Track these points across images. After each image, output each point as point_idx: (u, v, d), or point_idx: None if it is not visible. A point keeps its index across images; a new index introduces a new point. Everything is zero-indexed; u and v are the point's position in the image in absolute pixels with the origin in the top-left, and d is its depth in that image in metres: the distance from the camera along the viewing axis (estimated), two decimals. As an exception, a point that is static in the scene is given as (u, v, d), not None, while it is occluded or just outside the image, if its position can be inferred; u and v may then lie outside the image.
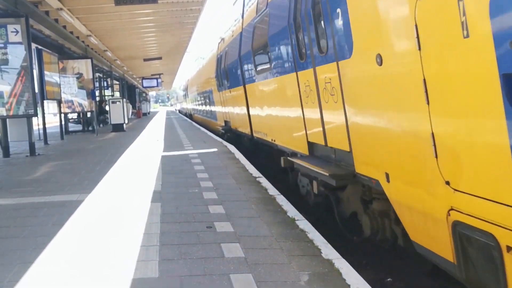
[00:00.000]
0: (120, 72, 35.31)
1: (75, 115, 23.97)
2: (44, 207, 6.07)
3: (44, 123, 15.92)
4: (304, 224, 5.01)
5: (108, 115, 22.39)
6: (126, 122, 22.74)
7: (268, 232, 4.77)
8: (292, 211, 5.57)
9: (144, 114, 46.60)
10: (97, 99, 23.04)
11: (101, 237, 4.71)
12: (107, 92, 33.76)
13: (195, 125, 25.21)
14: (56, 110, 19.49)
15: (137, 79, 46.53)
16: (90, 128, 22.42)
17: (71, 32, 17.65)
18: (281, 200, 6.15)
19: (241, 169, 8.79)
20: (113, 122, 21.24)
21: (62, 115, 19.19)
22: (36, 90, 13.14)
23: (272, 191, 6.72)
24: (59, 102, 18.28)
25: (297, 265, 3.86)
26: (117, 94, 36.25)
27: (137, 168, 9.30)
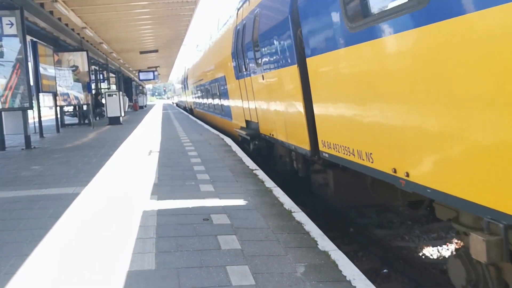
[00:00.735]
0: (116, 65, 35.14)
1: (71, 108, 23.87)
2: (40, 200, 6.05)
3: (40, 116, 15.86)
4: (301, 216, 5.02)
5: (105, 108, 22.31)
6: (123, 115, 22.66)
7: (265, 224, 4.78)
8: (289, 203, 5.58)
9: (141, 107, 46.48)
10: (93, 92, 22.93)
11: (98, 230, 4.70)
12: (103, 85, 33.62)
13: (193, 119, 25.07)
14: (52, 103, 19.40)
15: (134, 72, 46.31)
16: (86, 121, 22.34)
17: (66, 24, 17.51)
18: (278, 192, 6.16)
19: (238, 162, 8.79)
20: (110, 115, 21.17)
21: (58, 108, 19.12)
22: (32, 83, 13.06)
23: (269, 184, 6.73)
24: (55, 95, 18.19)
25: (294, 257, 3.87)
26: (114, 87, 36.11)
27: (134, 161, 9.28)
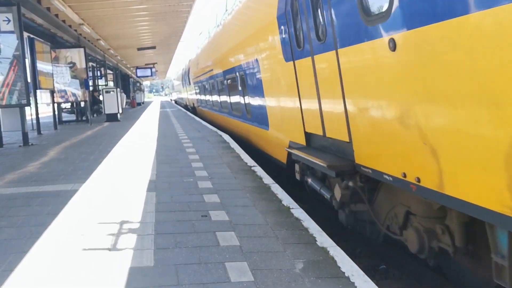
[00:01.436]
0: (114, 62, 35.05)
1: (69, 105, 23.82)
2: (39, 197, 6.04)
3: (37, 113, 15.80)
4: (299, 213, 5.03)
5: (102, 105, 22.26)
6: (120, 112, 22.62)
7: (263, 221, 4.79)
8: (287, 200, 5.58)
9: (138, 104, 46.42)
10: (91, 89, 22.87)
11: (96, 226, 4.70)
12: (101, 82, 33.53)
13: (192, 116, 24.95)
14: (49, 100, 19.36)
15: (131, 69, 46.20)
16: (84, 118, 22.29)
17: (64, 21, 17.44)
18: (276, 189, 6.16)
19: (236, 158, 8.79)
20: (107, 112, 21.13)
21: (55, 105, 19.06)
22: (29, 80, 13.02)
23: (267, 180, 6.73)
24: (52, 92, 18.14)
25: (292, 253, 3.88)
26: (111, 84, 36.02)
27: (132, 158, 9.27)
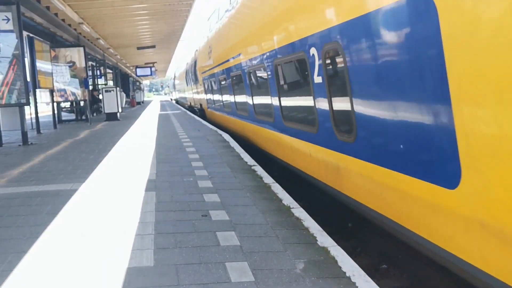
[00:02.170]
0: (113, 61, 35.00)
1: (68, 104, 23.80)
2: (38, 196, 6.02)
3: (37, 112, 15.76)
4: (300, 212, 5.01)
5: (102, 104, 22.23)
6: (120, 111, 22.60)
7: (264, 220, 4.77)
8: (288, 199, 5.57)
9: (138, 103, 46.38)
10: (90, 88, 22.85)
11: (96, 226, 4.68)
12: (101, 81, 33.49)
13: (192, 116, 24.88)
14: (49, 99, 19.33)
15: (131, 68, 46.17)
16: (84, 117, 22.26)
17: (63, 20, 17.40)
18: (276, 188, 6.15)
19: (236, 158, 8.77)
20: (107, 111, 21.10)
21: (55, 104, 19.03)
22: (28, 79, 13.00)
23: (267, 179, 6.71)
24: (52, 91, 18.11)
25: (293, 253, 3.86)
26: (111, 83, 35.98)
27: (132, 157, 9.25)
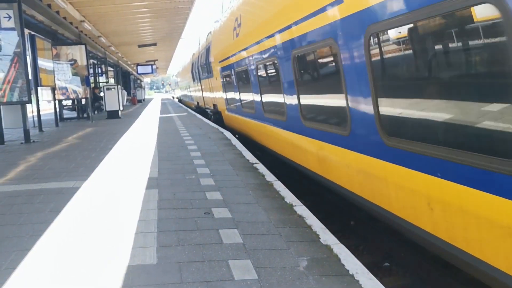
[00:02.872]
0: (115, 59, 34.98)
1: (70, 102, 23.79)
2: (41, 194, 6.03)
3: (39, 110, 15.78)
4: (302, 210, 5.01)
5: (103, 102, 22.22)
6: (121, 109, 22.59)
7: (266, 218, 4.77)
8: (290, 197, 5.56)
9: (139, 101, 46.35)
10: (92, 86, 22.84)
11: (99, 224, 4.69)
12: (102, 79, 33.48)
13: (194, 114, 24.79)
14: (50, 97, 19.32)
15: (132, 66, 46.14)
16: (85, 115, 22.26)
17: (64, 18, 17.40)
18: (279, 186, 6.14)
19: (238, 156, 8.76)
20: (108, 109, 21.09)
21: (57, 102, 19.04)
22: (30, 77, 12.99)
23: (269, 177, 6.71)
24: (53, 89, 18.11)
25: (296, 251, 3.86)
26: (112, 81, 35.97)
27: (133, 155, 9.25)
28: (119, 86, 23.17)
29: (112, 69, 37.33)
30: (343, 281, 3.29)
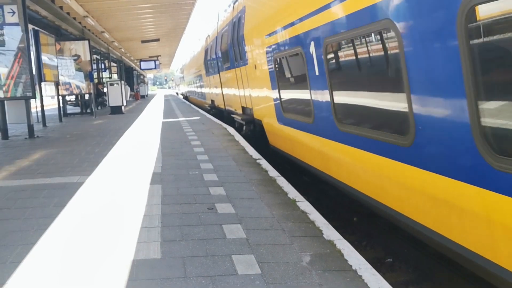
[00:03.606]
0: (118, 54, 35.01)
1: (73, 98, 23.85)
2: (45, 189, 6.06)
3: (42, 105, 15.83)
4: (305, 206, 5.02)
5: (106, 97, 22.26)
6: (125, 105, 22.62)
7: (269, 214, 4.78)
8: (293, 193, 5.58)
9: (142, 97, 46.39)
10: (95, 81, 22.86)
11: (103, 219, 4.71)
12: (105, 74, 33.52)
13: (197, 110, 24.68)
14: (54, 93, 19.37)
15: (135, 61, 46.16)
16: (88, 111, 22.31)
17: (68, 13, 17.41)
18: (282, 182, 6.16)
19: (241, 151, 8.78)
20: (112, 105, 21.14)
21: (60, 97, 19.09)
22: (34, 72, 13.02)
23: (273, 173, 6.72)
24: (57, 84, 18.16)
25: (299, 246, 3.88)
26: (115, 77, 36.01)
27: (137, 150, 9.28)
28: (123, 82, 23.20)
29: (115, 65, 37.38)
30: (346, 276, 3.30)
